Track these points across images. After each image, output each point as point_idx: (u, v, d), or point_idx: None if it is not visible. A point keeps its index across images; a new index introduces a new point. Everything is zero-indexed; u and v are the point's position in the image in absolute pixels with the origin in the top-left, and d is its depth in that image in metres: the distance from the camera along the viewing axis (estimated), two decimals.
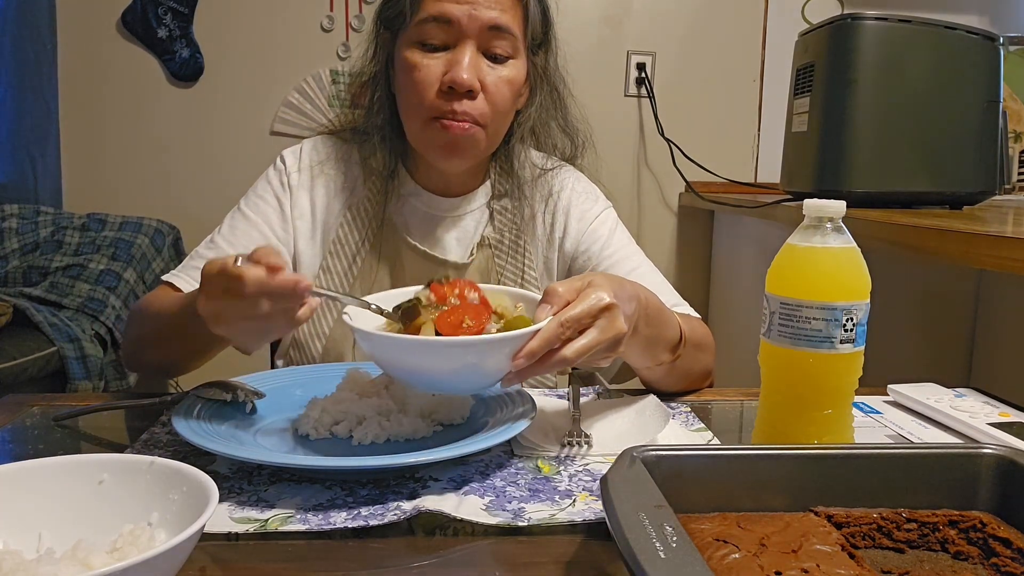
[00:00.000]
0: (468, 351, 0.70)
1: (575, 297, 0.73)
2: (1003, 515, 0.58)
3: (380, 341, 0.72)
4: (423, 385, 0.76)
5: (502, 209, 1.11)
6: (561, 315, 0.71)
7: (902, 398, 0.94)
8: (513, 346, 0.70)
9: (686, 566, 0.43)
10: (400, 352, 0.72)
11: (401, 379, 0.78)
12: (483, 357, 0.70)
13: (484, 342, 0.71)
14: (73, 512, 0.54)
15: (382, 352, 0.74)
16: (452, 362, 0.70)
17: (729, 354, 1.99)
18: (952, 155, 1.52)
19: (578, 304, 0.72)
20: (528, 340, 0.70)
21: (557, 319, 0.71)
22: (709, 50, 2.66)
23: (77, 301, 2.17)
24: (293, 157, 1.10)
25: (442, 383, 0.75)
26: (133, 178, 2.55)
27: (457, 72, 0.94)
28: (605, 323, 0.73)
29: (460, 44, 0.96)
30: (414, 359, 0.71)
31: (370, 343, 0.73)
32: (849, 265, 0.71)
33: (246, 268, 0.68)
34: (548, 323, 0.70)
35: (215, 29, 2.52)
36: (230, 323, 0.72)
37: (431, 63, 0.96)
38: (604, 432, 0.79)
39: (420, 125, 0.99)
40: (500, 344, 0.70)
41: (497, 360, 0.70)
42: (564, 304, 0.72)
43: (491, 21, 0.95)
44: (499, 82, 0.98)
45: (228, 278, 0.69)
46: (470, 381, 0.75)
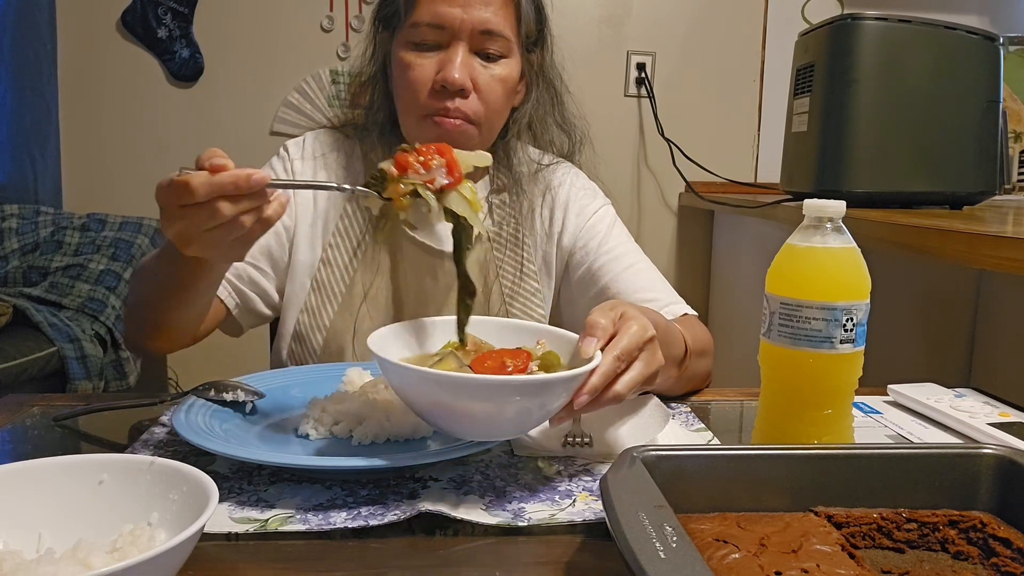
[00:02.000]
0: (532, 391, 0.62)
1: (615, 328, 0.70)
2: (1003, 515, 0.58)
3: (418, 378, 0.62)
4: (459, 429, 0.66)
5: (501, 203, 1.11)
6: (614, 349, 0.67)
7: (902, 398, 0.94)
8: (574, 384, 0.64)
9: (686, 566, 0.43)
10: (446, 392, 0.62)
11: (431, 420, 0.67)
12: (546, 397, 0.64)
13: (551, 381, 0.63)
14: (73, 512, 0.54)
15: (421, 391, 0.64)
16: (511, 404, 0.63)
17: (729, 354, 1.99)
18: (952, 155, 1.52)
19: (624, 336, 0.69)
20: (588, 377, 0.65)
21: (613, 354, 0.67)
22: (709, 50, 2.66)
23: (77, 301, 2.17)
24: (296, 147, 1.11)
25: (489, 427, 0.65)
26: (133, 178, 2.55)
27: (449, 72, 0.95)
28: (649, 356, 0.70)
29: (452, 44, 0.97)
30: (464, 401, 0.62)
31: (403, 378, 0.64)
32: (849, 265, 0.71)
33: (190, 174, 0.65)
34: (605, 358, 0.67)
35: (215, 29, 2.52)
36: (197, 239, 0.69)
37: (424, 63, 0.97)
38: (604, 432, 0.79)
39: (414, 122, 1.00)
40: (564, 383, 0.64)
41: (557, 399, 0.64)
42: (608, 336, 0.69)
43: (482, 24, 0.96)
44: (491, 81, 0.99)
45: (176, 190, 0.65)
46: (519, 424, 0.67)
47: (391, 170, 0.71)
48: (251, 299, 1.04)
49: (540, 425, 0.70)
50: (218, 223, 0.66)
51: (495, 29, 0.97)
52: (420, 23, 0.96)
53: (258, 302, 1.05)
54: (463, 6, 0.95)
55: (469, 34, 0.96)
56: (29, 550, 0.52)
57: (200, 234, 0.68)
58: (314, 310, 1.05)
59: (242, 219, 0.67)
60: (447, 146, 0.73)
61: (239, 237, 0.69)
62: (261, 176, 0.66)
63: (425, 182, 0.70)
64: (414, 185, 0.70)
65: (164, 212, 0.69)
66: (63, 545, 0.50)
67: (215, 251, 0.71)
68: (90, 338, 2.09)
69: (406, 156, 0.71)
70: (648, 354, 0.71)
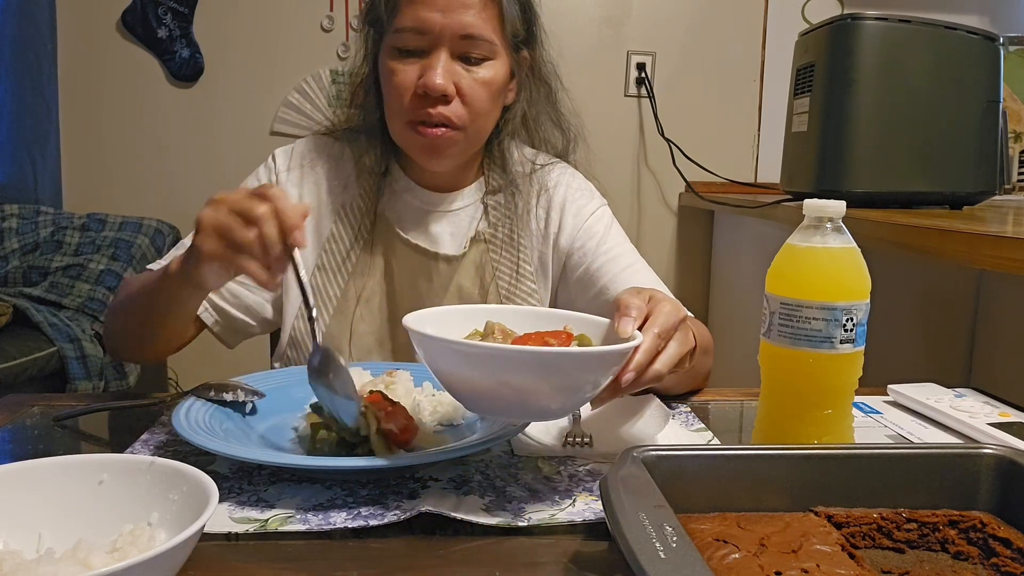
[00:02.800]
0: (590, 363, 0.62)
1: (648, 309, 0.70)
2: (1003, 515, 0.58)
3: (464, 351, 0.61)
4: (503, 408, 0.65)
5: (496, 204, 1.11)
6: (653, 327, 0.67)
7: (902, 398, 0.94)
8: (622, 359, 0.64)
9: (686, 566, 0.43)
10: (491, 365, 0.60)
11: (473, 401, 0.65)
12: (599, 372, 0.63)
13: (606, 354, 0.63)
14: (73, 512, 0.54)
15: (463, 365, 0.62)
16: (569, 377, 0.61)
17: (729, 354, 1.99)
18: (952, 155, 1.52)
19: (660, 315, 0.69)
20: (633, 354, 0.65)
21: (653, 331, 0.67)
22: (709, 50, 2.66)
23: (77, 301, 2.17)
24: (284, 156, 1.11)
25: (533, 405, 0.63)
26: (133, 178, 2.55)
27: (429, 78, 0.95)
28: (683, 335, 0.70)
29: (434, 50, 0.97)
30: (512, 375, 0.60)
31: (443, 354, 0.62)
32: (849, 265, 0.71)
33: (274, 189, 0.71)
34: (647, 335, 0.66)
35: (215, 29, 2.52)
36: (219, 238, 0.72)
37: (407, 68, 0.98)
38: (604, 432, 0.79)
39: (400, 127, 1.01)
40: (610, 357, 0.63)
41: (603, 376, 0.63)
42: (644, 316, 0.69)
43: (463, 29, 0.96)
44: (474, 85, 0.98)
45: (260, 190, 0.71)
46: (566, 402, 0.65)
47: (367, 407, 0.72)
48: (233, 317, 1.04)
49: (573, 409, 0.70)
50: (246, 238, 0.70)
51: (476, 33, 0.97)
52: (402, 28, 0.97)
53: (241, 319, 1.05)
54: (443, 11, 0.95)
55: (450, 39, 0.96)
56: (29, 550, 0.52)
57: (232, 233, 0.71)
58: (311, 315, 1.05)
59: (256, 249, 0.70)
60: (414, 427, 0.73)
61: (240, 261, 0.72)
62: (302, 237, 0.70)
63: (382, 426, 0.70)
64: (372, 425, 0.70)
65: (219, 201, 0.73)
66: (63, 545, 0.50)
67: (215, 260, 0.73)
68: (90, 338, 2.09)
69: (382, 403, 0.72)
70: (682, 334, 0.71)
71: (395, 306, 1.07)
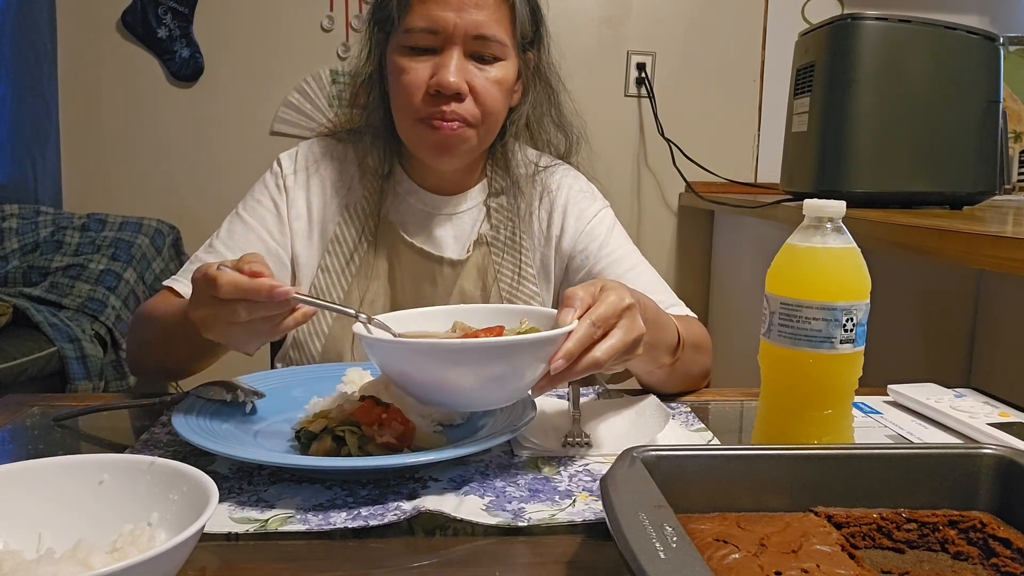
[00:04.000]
0: (504, 353, 0.65)
1: (593, 300, 0.72)
2: (1003, 515, 0.58)
3: (393, 349, 0.67)
4: (444, 399, 0.70)
5: (499, 206, 1.11)
6: (590, 314, 0.69)
7: (902, 398, 0.94)
8: (550, 348, 0.66)
9: (686, 566, 0.43)
10: (420, 361, 0.66)
11: (417, 393, 0.71)
12: (520, 361, 0.66)
13: (522, 343, 0.66)
14: (73, 512, 0.54)
15: (395, 361, 0.68)
16: (485, 368, 0.65)
17: (729, 354, 1.99)
18: (952, 155, 1.52)
19: (602, 304, 0.70)
20: (564, 341, 0.67)
21: (588, 319, 0.69)
22: (709, 50, 2.66)
23: (77, 301, 2.17)
24: (289, 160, 1.10)
25: (468, 396, 0.69)
26: (133, 178, 2.55)
27: (443, 76, 0.95)
28: (628, 323, 0.72)
29: (447, 48, 0.96)
30: (437, 368, 0.65)
31: (380, 351, 0.68)
32: (849, 265, 0.71)
33: (221, 272, 0.69)
34: (580, 323, 0.68)
35: (215, 29, 2.52)
36: (216, 328, 0.73)
37: (418, 66, 0.97)
38: (604, 432, 0.79)
39: (410, 124, 1.00)
40: (538, 345, 0.65)
41: (533, 364, 0.66)
42: (587, 307, 0.71)
43: (476, 28, 0.96)
44: (487, 83, 0.98)
45: (207, 282, 0.70)
46: (499, 392, 0.69)
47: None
48: None
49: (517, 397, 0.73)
50: (234, 321, 0.71)
51: (489, 33, 0.96)
52: (414, 28, 0.96)
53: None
54: (456, 10, 0.95)
55: (463, 38, 0.96)
56: (29, 550, 0.52)
57: (219, 326, 0.73)
58: (313, 318, 1.05)
59: (257, 323, 0.71)
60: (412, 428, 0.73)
61: (255, 334, 0.73)
62: (284, 291, 0.69)
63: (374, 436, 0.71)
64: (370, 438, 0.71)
65: (194, 296, 0.74)
66: (63, 545, 0.50)
67: (229, 341, 0.76)
68: (90, 338, 2.09)
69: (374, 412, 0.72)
70: (627, 322, 0.72)
71: (399, 309, 1.07)
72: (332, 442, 0.70)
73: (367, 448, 0.69)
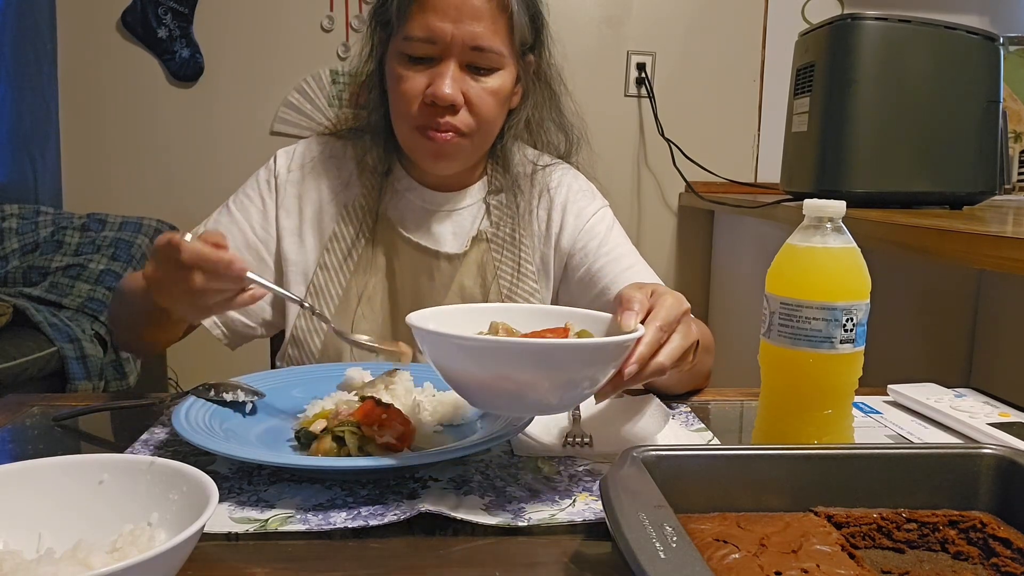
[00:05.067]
0: (590, 356, 0.62)
1: (650, 303, 0.70)
2: (1003, 515, 0.58)
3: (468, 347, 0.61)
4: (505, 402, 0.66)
5: (499, 204, 1.11)
6: (655, 320, 0.67)
7: (902, 398, 0.94)
8: (624, 351, 0.64)
9: (686, 566, 0.43)
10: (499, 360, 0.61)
11: (477, 395, 0.66)
12: (598, 364, 0.63)
13: (609, 345, 0.63)
14: (73, 512, 0.54)
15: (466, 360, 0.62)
16: (566, 371, 0.62)
17: (729, 354, 1.99)
18: (952, 155, 1.52)
19: (662, 308, 0.69)
20: (636, 346, 0.65)
21: (656, 324, 0.67)
22: (709, 50, 2.66)
23: (77, 301, 2.17)
24: (285, 157, 1.11)
25: (535, 398, 0.64)
26: (133, 178, 2.55)
27: (438, 88, 0.95)
28: (685, 328, 0.70)
29: (443, 60, 0.96)
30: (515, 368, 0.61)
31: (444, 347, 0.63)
32: (849, 265, 0.71)
33: (186, 240, 0.72)
34: (648, 327, 0.66)
35: (215, 29, 2.52)
36: (167, 291, 0.76)
37: (415, 75, 0.97)
38: (604, 432, 0.79)
39: (407, 131, 1.01)
40: (615, 348, 0.63)
41: (605, 368, 0.64)
42: (646, 310, 0.69)
43: (473, 40, 0.96)
44: (483, 94, 0.98)
45: (169, 247, 0.73)
46: (568, 395, 0.65)
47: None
48: (235, 322, 1.05)
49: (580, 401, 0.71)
50: (187, 288, 0.73)
51: (485, 44, 0.96)
52: (412, 36, 0.96)
53: (242, 322, 1.06)
54: (454, 21, 0.94)
55: (460, 49, 0.96)
56: (29, 550, 0.52)
57: (169, 288, 0.76)
58: (311, 315, 1.05)
59: (209, 294, 0.74)
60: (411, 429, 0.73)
61: (203, 306, 0.76)
62: (240, 267, 0.73)
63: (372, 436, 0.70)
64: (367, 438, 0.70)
65: (153, 260, 0.77)
66: (63, 545, 0.50)
67: (179, 307, 0.78)
68: (90, 338, 2.09)
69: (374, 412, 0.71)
70: (684, 327, 0.71)
71: (397, 305, 1.07)
72: (332, 442, 0.70)
73: (367, 448, 0.69)
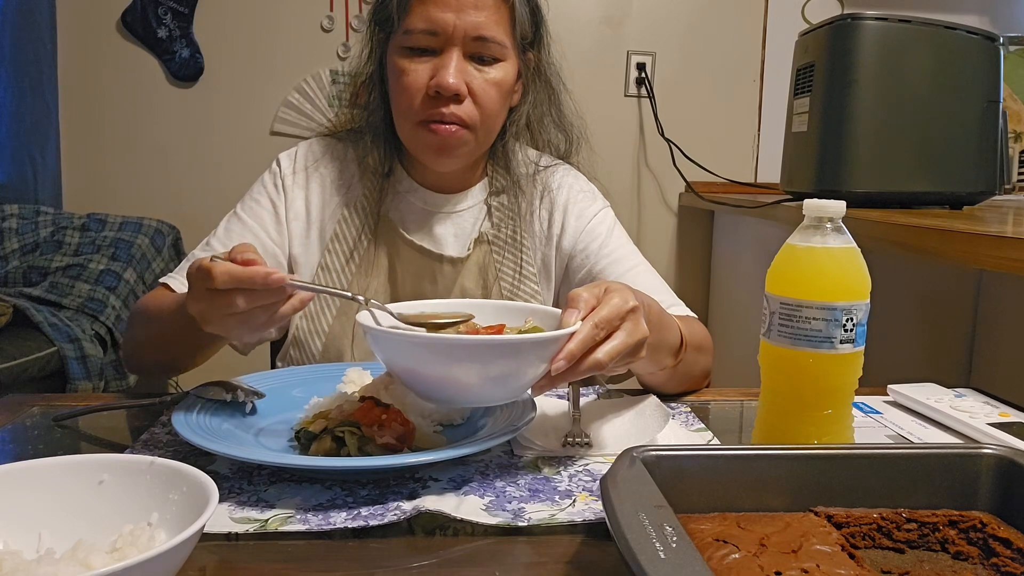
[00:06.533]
0: (507, 352, 0.65)
1: (597, 302, 0.71)
2: (1003, 515, 0.58)
3: (397, 342, 0.67)
4: (443, 394, 0.70)
5: (500, 205, 1.11)
6: (594, 316, 0.69)
7: (902, 398, 0.94)
8: (552, 348, 0.67)
9: (686, 566, 0.43)
10: (423, 355, 0.66)
11: (418, 388, 0.71)
12: (522, 360, 0.66)
13: (525, 342, 0.66)
14: (73, 512, 0.54)
15: (399, 355, 0.68)
16: (487, 367, 0.66)
17: (729, 354, 1.99)
18: (952, 155, 1.52)
19: (605, 306, 0.70)
20: (566, 342, 0.67)
21: (591, 320, 0.69)
22: (709, 50, 2.66)
23: (77, 301, 2.17)
24: (288, 159, 1.11)
25: (468, 392, 0.69)
26: (133, 178, 2.55)
27: (443, 77, 0.95)
28: (631, 326, 0.71)
29: (446, 50, 0.96)
30: (440, 363, 0.66)
31: (385, 344, 0.68)
32: (849, 265, 0.71)
33: (215, 263, 0.69)
34: (583, 324, 0.68)
35: (215, 29, 2.52)
36: (215, 320, 0.73)
37: (418, 68, 0.97)
38: (604, 432, 0.79)
39: (410, 127, 1.01)
40: (540, 345, 0.66)
41: (535, 363, 0.67)
42: (590, 308, 0.71)
43: (476, 30, 0.96)
44: (486, 85, 0.98)
45: (201, 275, 0.70)
46: (499, 390, 0.70)
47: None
48: None
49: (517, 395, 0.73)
50: (233, 312, 0.70)
51: (488, 34, 0.96)
52: (413, 29, 0.96)
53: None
54: (456, 11, 0.95)
55: (462, 39, 0.96)
56: (29, 550, 0.51)
57: (217, 318, 0.72)
58: (313, 315, 1.05)
59: (256, 312, 0.71)
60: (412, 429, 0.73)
61: (255, 326, 0.73)
62: (279, 277, 0.69)
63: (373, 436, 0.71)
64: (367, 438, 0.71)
65: (191, 290, 0.73)
66: (63, 545, 0.50)
67: (230, 333, 0.76)
68: (90, 338, 2.09)
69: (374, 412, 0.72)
70: (630, 324, 0.71)
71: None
72: (332, 442, 0.70)
73: (367, 448, 0.69)
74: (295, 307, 0.73)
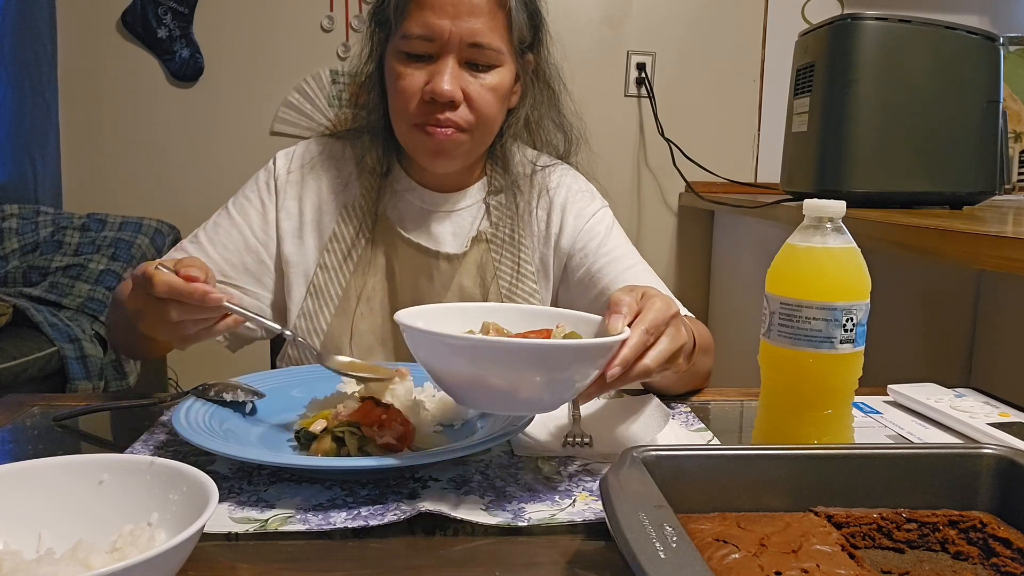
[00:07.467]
0: (571, 357, 0.63)
1: (639, 307, 0.70)
2: (1003, 515, 0.58)
3: (449, 344, 0.62)
4: (488, 401, 0.66)
5: (498, 204, 1.11)
6: (642, 323, 0.68)
7: (902, 398, 0.94)
8: (606, 354, 0.64)
9: (686, 566, 0.43)
10: (476, 357, 0.62)
11: (461, 392, 0.66)
12: (579, 366, 0.63)
13: (589, 347, 0.64)
14: (73, 512, 0.54)
15: (449, 357, 0.63)
16: (552, 372, 0.63)
17: (729, 354, 1.99)
18: (952, 155, 1.52)
19: (650, 311, 0.69)
20: (620, 348, 0.65)
21: (640, 326, 0.67)
22: (709, 50, 2.66)
23: (77, 301, 2.17)
24: (285, 158, 1.11)
25: (515, 398, 0.64)
26: (133, 178, 2.55)
27: (437, 84, 0.95)
28: (674, 331, 0.71)
29: (442, 56, 0.96)
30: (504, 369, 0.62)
31: (432, 346, 0.64)
32: (849, 265, 0.71)
33: (159, 272, 0.72)
34: (634, 330, 0.67)
35: (215, 29, 2.52)
36: (147, 322, 0.77)
37: (414, 72, 0.97)
38: (604, 432, 0.79)
39: (406, 129, 1.01)
40: (601, 351, 0.64)
41: (589, 369, 0.64)
42: (635, 314, 0.69)
43: (471, 36, 0.96)
44: (482, 91, 0.98)
45: (144, 279, 0.73)
46: (550, 396, 0.66)
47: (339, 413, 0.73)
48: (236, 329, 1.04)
49: (562, 403, 0.70)
50: (165, 320, 0.74)
51: (484, 41, 0.96)
52: (410, 34, 0.96)
53: (244, 326, 1.04)
54: (452, 17, 0.94)
55: (458, 45, 0.96)
56: (29, 550, 0.52)
57: (150, 321, 0.76)
58: (311, 314, 1.05)
59: (187, 324, 0.75)
60: (411, 429, 0.73)
61: (182, 336, 0.77)
62: (215, 298, 0.72)
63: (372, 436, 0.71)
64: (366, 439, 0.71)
65: (132, 289, 0.77)
66: (63, 545, 0.50)
67: (161, 336, 0.78)
68: (90, 338, 2.09)
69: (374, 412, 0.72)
70: (673, 329, 0.71)
71: (396, 305, 1.07)
72: (332, 442, 0.70)
73: (367, 448, 0.69)
74: (228, 326, 0.77)
